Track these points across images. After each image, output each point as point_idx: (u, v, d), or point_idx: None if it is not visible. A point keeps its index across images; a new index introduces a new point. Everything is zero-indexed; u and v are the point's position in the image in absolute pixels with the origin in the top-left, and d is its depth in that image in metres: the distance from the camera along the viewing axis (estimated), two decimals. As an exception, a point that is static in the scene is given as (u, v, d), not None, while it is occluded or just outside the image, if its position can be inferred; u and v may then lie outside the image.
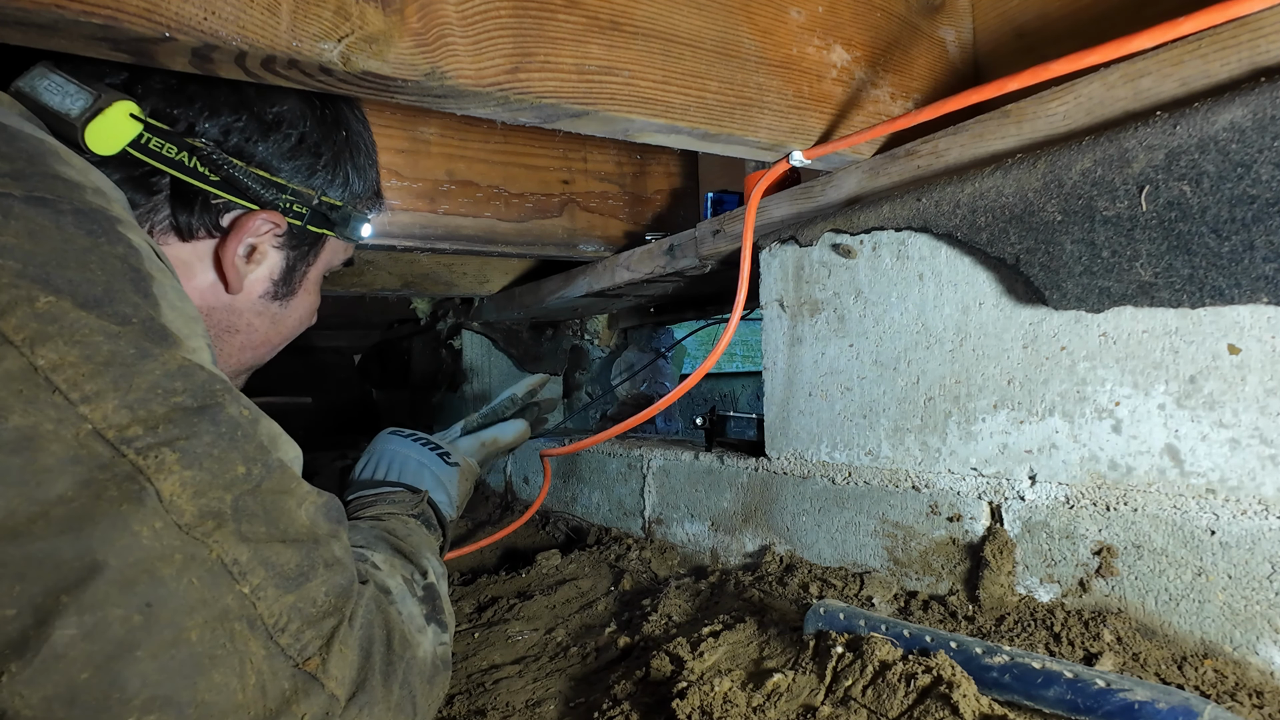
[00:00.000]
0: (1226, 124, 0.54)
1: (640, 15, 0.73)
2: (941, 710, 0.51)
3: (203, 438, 0.46)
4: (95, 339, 0.43)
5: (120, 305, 0.45)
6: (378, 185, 0.86)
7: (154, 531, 0.42)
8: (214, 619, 0.43)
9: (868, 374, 0.85)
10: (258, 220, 0.67)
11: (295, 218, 0.71)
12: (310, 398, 2.41)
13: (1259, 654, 0.55)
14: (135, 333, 0.45)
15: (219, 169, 0.64)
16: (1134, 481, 0.63)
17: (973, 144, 0.75)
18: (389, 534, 0.73)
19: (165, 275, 0.50)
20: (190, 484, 0.44)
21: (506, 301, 1.78)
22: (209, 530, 0.44)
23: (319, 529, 0.51)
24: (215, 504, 0.45)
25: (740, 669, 0.67)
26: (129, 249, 0.48)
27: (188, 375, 0.47)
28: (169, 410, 0.45)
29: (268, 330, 0.75)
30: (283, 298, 0.74)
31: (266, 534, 0.47)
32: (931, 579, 0.78)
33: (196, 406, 0.46)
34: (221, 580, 0.44)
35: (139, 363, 0.44)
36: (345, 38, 0.57)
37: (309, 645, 0.47)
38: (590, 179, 1.39)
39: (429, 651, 0.61)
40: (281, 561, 0.47)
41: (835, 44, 0.86)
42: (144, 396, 0.44)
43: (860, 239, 0.85)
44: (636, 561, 1.13)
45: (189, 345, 0.49)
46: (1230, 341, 0.56)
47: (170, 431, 0.44)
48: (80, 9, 0.48)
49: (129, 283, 0.47)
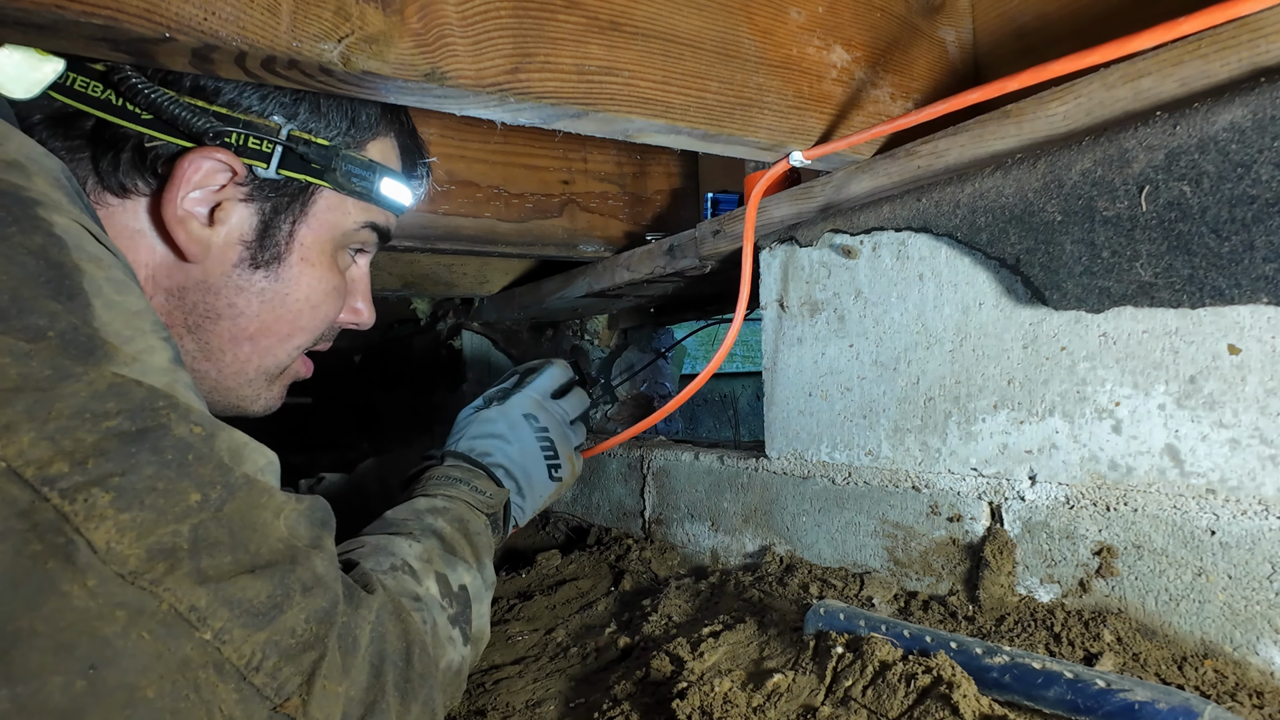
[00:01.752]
0: (1226, 124, 0.54)
1: (640, 15, 0.73)
2: (942, 710, 0.51)
3: (143, 470, 0.39)
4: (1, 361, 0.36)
5: (33, 316, 0.38)
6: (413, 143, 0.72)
7: (87, 591, 0.35)
8: (173, 671, 0.37)
9: (868, 374, 0.85)
10: (197, 160, 0.56)
11: (256, 158, 0.58)
12: (310, 398, 2.41)
13: (1259, 654, 0.55)
14: (52, 348, 0.38)
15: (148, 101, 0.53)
16: (1134, 482, 0.63)
17: (973, 144, 0.75)
18: (456, 523, 0.68)
19: (98, 264, 0.42)
20: (130, 527, 0.37)
21: (506, 302, 1.78)
22: (159, 576, 0.38)
23: (298, 539, 0.45)
24: (168, 540, 0.38)
25: (740, 669, 0.67)
26: (48, 238, 0.40)
27: (122, 394, 0.39)
28: (100, 438, 0.38)
29: (260, 313, 0.61)
30: (265, 265, 0.61)
31: (233, 564, 0.41)
32: (931, 579, 0.78)
33: (135, 430, 0.39)
34: (178, 630, 0.38)
35: (58, 384, 0.37)
36: (345, 38, 0.57)
37: (287, 684, 0.41)
38: (590, 179, 1.39)
39: (453, 662, 0.58)
40: (249, 596, 0.41)
41: (835, 44, 0.86)
42: (67, 424, 0.37)
43: (860, 239, 0.85)
44: (636, 562, 1.13)
45: (126, 353, 0.41)
46: (1230, 341, 0.56)
47: (102, 466, 0.37)
48: (80, 9, 0.48)
49: (46, 285, 0.39)
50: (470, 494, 0.75)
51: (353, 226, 0.66)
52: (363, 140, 0.66)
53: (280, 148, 0.59)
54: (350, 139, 0.65)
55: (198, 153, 0.56)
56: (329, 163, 0.62)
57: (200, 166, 0.56)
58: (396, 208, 0.70)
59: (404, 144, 0.72)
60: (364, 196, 0.66)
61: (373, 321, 0.76)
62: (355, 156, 0.64)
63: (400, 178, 0.69)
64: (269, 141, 0.58)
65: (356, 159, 0.65)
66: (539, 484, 0.87)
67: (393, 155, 0.70)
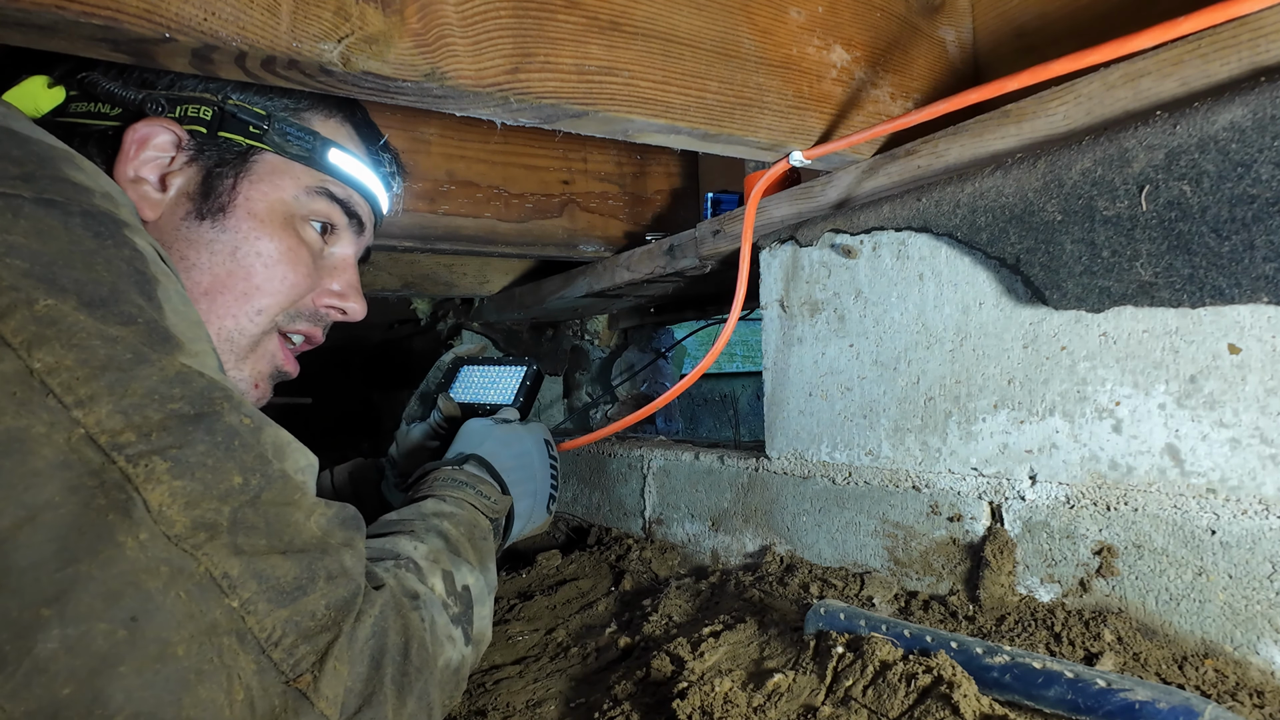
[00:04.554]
0: (1226, 124, 0.54)
1: (640, 15, 0.73)
2: (942, 710, 0.51)
3: (197, 447, 0.44)
4: (92, 343, 0.42)
5: (125, 306, 0.45)
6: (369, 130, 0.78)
7: (139, 543, 0.40)
8: (202, 633, 0.41)
9: (868, 374, 0.85)
10: (142, 129, 0.64)
11: (196, 124, 0.66)
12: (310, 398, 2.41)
13: (1259, 654, 0.55)
14: (137, 336, 0.45)
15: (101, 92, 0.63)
16: (1134, 481, 0.63)
17: (973, 144, 0.75)
18: (462, 526, 0.70)
19: (169, 279, 0.50)
20: (181, 494, 0.43)
21: (506, 302, 1.78)
22: (200, 542, 0.43)
23: (331, 538, 0.50)
24: (210, 515, 0.44)
25: (741, 669, 0.67)
26: (134, 252, 0.48)
27: (186, 381, 0.46)
28: (164, 417, 0.44)
29: (212, 265, 0.66)
30: (211, 216, 0.66)
31: (267, 546, 0.45)
32: (932, 579, 0.78)
33: (193, 414, 0.45)
34: (210, 594, 0.42)
35: (136, 367, 0.44)
36: (345, 38, 0.57)
37: (302, 661, 0.45)
38: (590, 179, 1.39)
39: (452, 660, 0.59)
40: (278, 574, 0.45)
41: (835, 44, 0.86)
42: (139, 402, 0.43)
43: (860, 239, 0.85)
44: (637, 562, 1.13)
45: (191, 349, 0.48)
46: (1230, 341, 0.56)
47: (163, 439, 0.43)
48: (80, 10, 0.48)
49: (134, 285, 0.46)
50: (476, 498, 0.77)
51: (302, 191, 0.71)
52: (300, 110, 0.72)
53: (217, 111, 0.67)
54: (289, 110, 0.71)
55: (144, 122, 0.64)
56: (265, 126, 0.68)
57: (145, 133, 0.64)
58: (352, 180, 0.75)
59: (359, 127, 0.78)
60: (306, 161, 0.71)
61: (363, 312, 0.80)
62: (292, 120, 0.71)
63: (353, 154, 0.75)
64: (207, 108, 0.66)
65: (293, 123, 0.71)
66: (537, 510, 0.89)
67: (343, 133, 0.76)
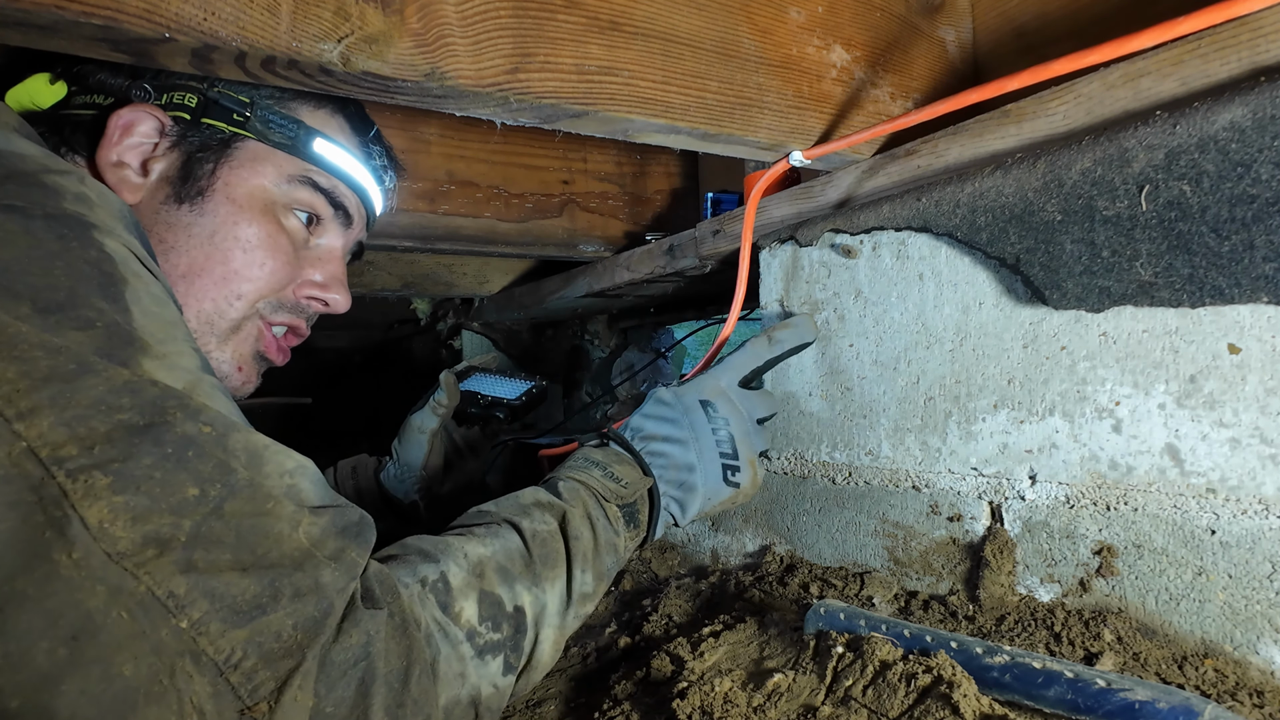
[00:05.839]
0: (1226, 123, 0.54)
1: (640, 15, 0.73)
2: (942, 710, 0.51)
3: (143, 459, 0.42)
4: (35, 354, 0.41)
5: (83, 310, 0.44)
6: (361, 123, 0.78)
7: (73, 561, 0.39)
8: (149, 653, 0.39)
9: (868, 374, 0.85)
10: (125, 114, 0.64)
11: (180, 110, 0.66)
12: (310, 398, 2.41)
13: (1259, 653, 0.55)
14: (92, 341, 0.43)
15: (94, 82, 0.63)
16: (1134, 481, 0.63)
17: (973, 144, 0.75)
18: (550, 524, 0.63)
19: (142, 280, 0.49)
20: (124, 510, 0.40)
21: (506, 302, 1.78)
22: (145, 560, 0.40)
23: (320, 549, 0.47)
24: (164, 530, 0.41)
25: (741, 669, 0.67)
26: (102, 254, 0.47)
27: (136, 391, 0.44)
28: (111, 428, 0.42)
29: (189, 248, 0.66)
30: (190, 200, 0.66)
31: (230, 561, 0.43)
32: (932, 579, 0.78)
33: (142, 424, 0.43)
34: (154, 613, 0.40)
35: (81, 377, 0.42)
36: (345, 38, 0.57)
37: (260, 688, 0.42)
38: (590, 179, 1.39)
39: (462, 697, 0.53)
40: (233, 592, 0.42)
41: (835, 44, 0.86)
42: (84, 413, 0.41)
43: (860, 239, 0.85)
44: (636, 562, 1.13)
45: (159, 351, 0.46)
46: (1230, 341, 0.56)
47: (107, 452, 0.41)
48: (80, 10, 0.48)
49: (96, 288, 0.45)
50: (601, 480, 0.69)
51: (284, 179, 0.71)
52: (286, 99, 0.71)
53: (202, 99, 0.66)
54: (274, 99, 0.71)
55: (128, 108, 0.64)
56: (249, 113, 0.68)
57: (130, 119, 0.64)
58: (337, 171, 0.75)
59: (350, 119, 0.78)
60: (289, 149, 0.70)
61: (346, 304, 0.79)
62: (277, 109, 0.70)
63: (341, 145, 0.75)
64: (192, 95, 0.66)
65: (278, 111, 0.70)
66: (709, 485, 0.76)
67: (333, 124, 0.75)
